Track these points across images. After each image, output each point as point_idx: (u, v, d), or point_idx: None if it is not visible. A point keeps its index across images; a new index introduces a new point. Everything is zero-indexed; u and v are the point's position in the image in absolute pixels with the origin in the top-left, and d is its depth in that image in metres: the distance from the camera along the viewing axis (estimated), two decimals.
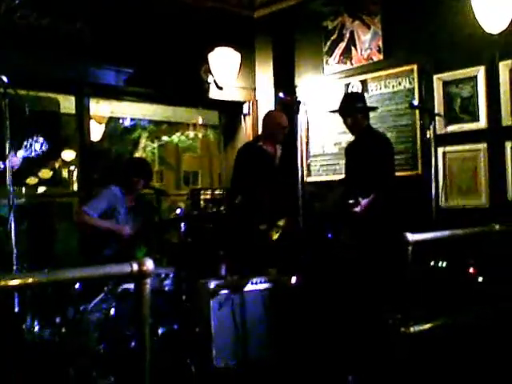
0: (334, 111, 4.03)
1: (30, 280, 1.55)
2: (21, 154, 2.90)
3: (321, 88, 5.02)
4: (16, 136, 2.68)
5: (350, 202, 3.46)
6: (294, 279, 3.33)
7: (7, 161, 2.66)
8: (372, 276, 3.32)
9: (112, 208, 3.77)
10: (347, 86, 4.80)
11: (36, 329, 2.56)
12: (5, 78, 2.40)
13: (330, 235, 3.79)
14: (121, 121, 7.83)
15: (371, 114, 4.11)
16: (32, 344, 2.52)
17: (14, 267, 2.17)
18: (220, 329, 3.06)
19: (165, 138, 9.55)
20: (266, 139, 4.20)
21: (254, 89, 5.37)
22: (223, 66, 4.82)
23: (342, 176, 4.24)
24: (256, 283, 3.38)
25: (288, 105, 4.13)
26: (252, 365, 2.99)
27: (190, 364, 2.87)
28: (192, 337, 3.04)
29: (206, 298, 3.17)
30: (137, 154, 8.78)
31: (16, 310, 2.16)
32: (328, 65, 4.97)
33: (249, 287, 3.36)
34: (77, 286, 2.79)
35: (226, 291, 3.25)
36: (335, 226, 3.74)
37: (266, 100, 5.31)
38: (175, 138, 9.26)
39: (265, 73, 5.31)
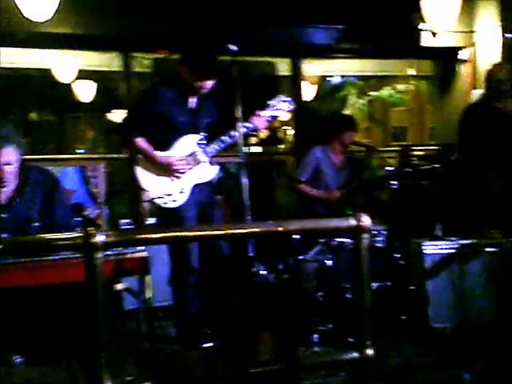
0: None
1: (262, 229, 1.74)
2: (267, 113, 3.02)
3: None
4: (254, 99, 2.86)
5: None
6: None
7: (252, 122, 2.91)
8: None
9: (317, 170, 3.89)
10: None
11: (263, 272, 2.88)
12: (235, 47, 2.62)
13: None
14: (330, 79, 7.93)
15: None
16: (259, 286, 2.83)
17: (248, 217, 2.46)
18: (436, 289, 2.98)
19: (373, 93, 9.35)
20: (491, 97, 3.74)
21: (474, 32, 4.84)
22: (439, 11, 4.45)
23: None
24: (476, 245, 3.16)
25: None
26: (472, 328, 2.84)
27: (405, 321, 2.88)
28: (406, 295, 3.02)
29: (421, 258, 3.09)
30: (345, 112, 8.82)
31: (250, 254, 2.46)
32: None
33: (467, 249, 3.15)
34: (296, 236, 3.01)
35: (442, 252, 3.11)
36: None
37: (489, 44, 4.74)
38: (384, 92, 9.00)
39: (488, 13, 4.72)
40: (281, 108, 3.09)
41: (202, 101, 2.98)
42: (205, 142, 2.95)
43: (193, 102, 2.96)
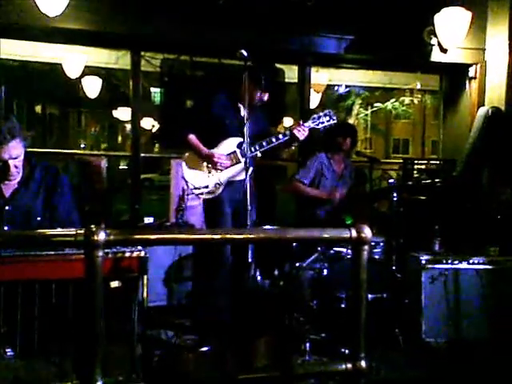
0: None
1: (262, 235, 1.74)
2: (309, 125, 3.16)
3: None
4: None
5: None
6: None
7: (293, 132, 3.05)
8: None
9: (319, 175, 3.98)
10: None
11: (258, 278, 2.88)
12: (245, 53, 2.64)
13: None
14: (336, 88, 7.95)
15: None
16: (255, 291, 2.84)
17: (248, 222, 2.46)
18: (431, 304, 2.98)
19: (378, 105, 9.38)
20: None
21: (484, 49, 4.85)
22: (450, 27, 4.47)
23: None
24: (473, 262, 3.16)
25: None
26: (464, 345, 2.84)
27: (397, 334, 2.88)
28: (401, 307, 3.02)
29: (417, 272, 3.10)
30: (349, 121, 8.84)
31: (250, 260, 2.46)
32: None
33: (464, 265, 3.16)
34: (294, 243, 3.01)
35: (438, 267, 3.12)
36: None
37: (498, 61, 4.75)
38: (389, 104, 9.03)
39: (498, 31, 4.74)
40: (323, 121, 3.24)
41: (253, 111, 3.17)
42: (245, 144, 3.06)
43: (244, 110, 3.12)
